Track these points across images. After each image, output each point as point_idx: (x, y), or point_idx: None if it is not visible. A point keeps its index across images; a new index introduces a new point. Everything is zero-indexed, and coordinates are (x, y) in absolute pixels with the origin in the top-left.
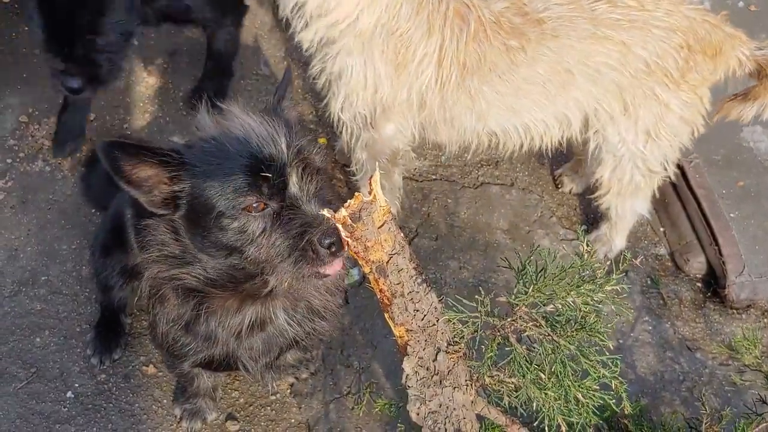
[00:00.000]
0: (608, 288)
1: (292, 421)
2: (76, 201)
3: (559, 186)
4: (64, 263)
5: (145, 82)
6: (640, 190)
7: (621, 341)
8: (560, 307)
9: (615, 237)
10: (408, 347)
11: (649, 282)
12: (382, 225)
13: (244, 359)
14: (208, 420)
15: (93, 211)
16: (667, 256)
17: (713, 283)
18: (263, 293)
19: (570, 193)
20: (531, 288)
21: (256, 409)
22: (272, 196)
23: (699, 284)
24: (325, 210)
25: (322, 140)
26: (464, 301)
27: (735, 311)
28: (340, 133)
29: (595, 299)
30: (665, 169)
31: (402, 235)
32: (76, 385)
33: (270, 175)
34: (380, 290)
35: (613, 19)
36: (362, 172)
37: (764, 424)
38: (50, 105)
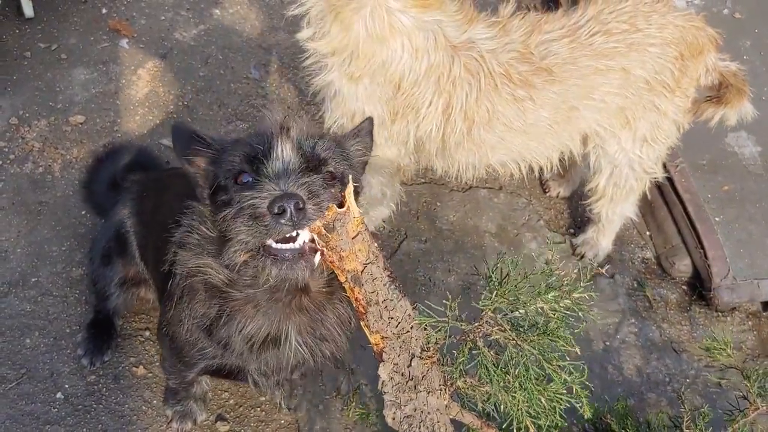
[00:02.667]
0: (576, 295)
1: (282, 422)
2: (66, 203)
3: (547, 190)
4: (54, 265)
5: (135, 85)
6: (632, 193)
7: (607, 343)
8: (529, 312)
9: (602, 240)
10: (384, 354)
11: (635, 285)
12: (356, 235)
13: (256, 375)
14: (198, 421)
15: (83, 213)
16: (653, 259)
17: (698, 286)
18: (272, 303)
19: (557, 197)
20: (494, 293)
21: (246, 410)
22: (257, 167)
23: (684, 287)
24: (284, 232)
25: None
26: (435, 307)
27: (720, 314)
28: None
29: (561, 306)
30: (657, 169)
31: (376, 244)
32: (66, 386)
33: (260, 148)
34: (356, 299)
35: (611, 48)
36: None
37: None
38: (40, 107)
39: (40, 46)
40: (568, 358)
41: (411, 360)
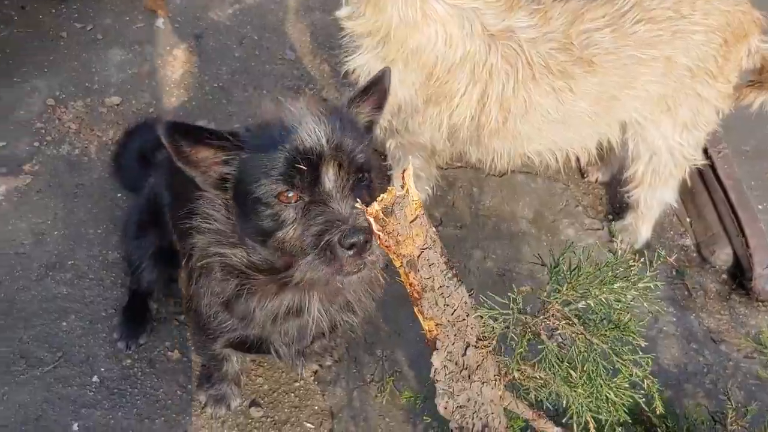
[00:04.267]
0: (641, 285)
1: (316, 408)
2: (102, 185)
3: (585, 175)
4: (91, 247)
5: (171, 65)
6: (672, 179)
7: (645, 333)
8: (593, 304)
9: (641, 227)
10: (437, 341)
11: (674, 273)
12: (414, 219)
13: (277, 344)
14: (232, 406)
15: (119, 195)
16: (692, 247)
17: (739, 275)
18: (299, 283)
19: (596, 182)
20: (565, 286)
21: (280, 396)
22: (304, 188)
23: (725, 276)
24: (358, 203)
25: None
26: (495, 297)
27: (761, 303)
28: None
29: (628, 297)
30: (697, 155)
31: (434, 229)
32: (102, 369)
33: (304, 168)
34: (410, 284)
35: (655, 36)
36: (397, 166)
37: None
38: (76, 88)
39: (76, 26)
40: (639, 352)
41: (466, 349)
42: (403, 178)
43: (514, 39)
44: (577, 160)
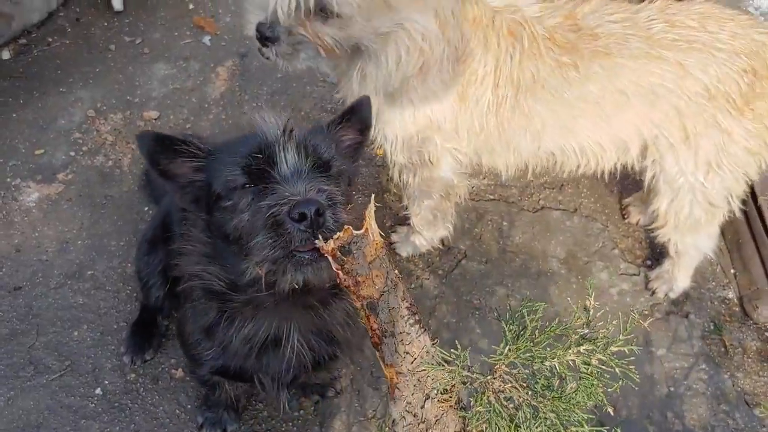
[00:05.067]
0: (614, 349)
1: None
2: (131, 198)
3: (626, 216)
4: (111, 259)
5: (213, 83)
6: (701, 226)
7: (672, 389)
8: (551, 367)
9: (678, 275)
10: (396, 390)
11: (711, 327)
12: (373, 260)
13: (260, 375)
14: (228, 430)
15: (146, 209)
16: (735, 301)
17: None
18: (274, 303)
19: (637, 224)
20: (507, 348)
21: (278, 424)
22: (260, 177)
23: (767, 334)
24: (319, 240)
25: (379, 152)
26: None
27: None
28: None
29: (595, 361)
30: (728, 204)
31: (396, 272)
32: (106, 382)
33: (259, 155)
34: (371, 328)
35: (670, 39)
36: (413, 205)
37: None
38: (117, 101)
39: (125, 40)
40: (601, 422)
41: (425, 401)
42: (364, 215)
43: (518, 14)
44: (620, 200)
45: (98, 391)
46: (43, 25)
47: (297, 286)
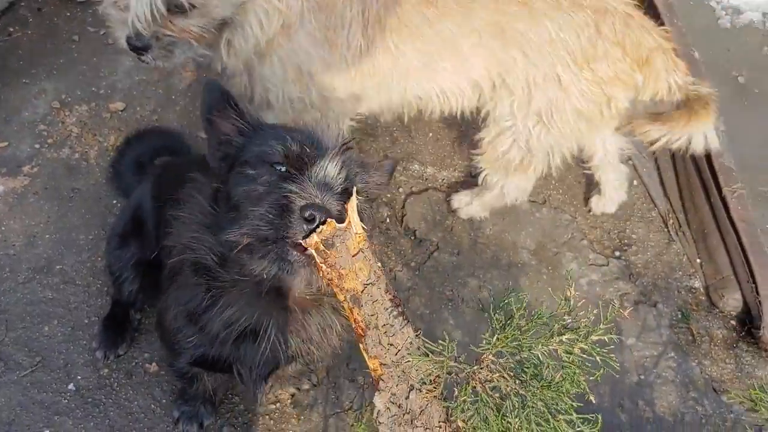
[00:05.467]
0: (594, 338)
1: None
2: (98, 191)
3: (590, 210)
4: (80, 253)
5: (179, 74)
6: (512, 169)
7: (642, 377)
8: (537, 356)
9: (474, 202)
10: (381, 382)
11: (679, 315)
12: (357, 253)
13: (238, 365)
14: (205, 424)
15: (114, 202)
16: (701, 290)
17: (748, 323)
18: (257, 294)
19: (601, 215)
20: (495, 337)
21: (255, 417)
22: (296, 164)
23: (733, 322)
24: (300, 239)
25: None
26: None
27: None
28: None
29: (577, 350)
30: (547, 159)
31: (379, 264)
32: (79, 377)
33: (305, 147)
34: (354, 320)
35: None
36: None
37: None
38: (83, 92)
39: (89, 30)
40: (576, 411)
41: (409, 392)
42: (346, 210)
43: None
44: (587, 191)
45: (71, 386)
46: (4, 15)
47: (266, 277)
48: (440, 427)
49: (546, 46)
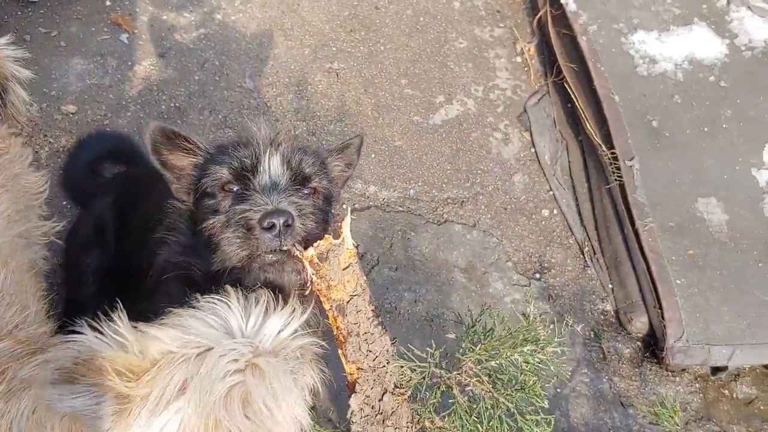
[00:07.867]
0: (549, 350)
1: None
2: (49, 193)
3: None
4: None
5: (130, 81)
6: None
7: (558, 390)
8: (504, 364)
9: None
10: (357, 385)
11: (592, 335)
12: (347, 267)
13: None
14: None
15: (65, 203)
16: (612, 313)
17: (653, 344)
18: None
19: (523, 238)
20: (479, 346)
21: None
22: (245, 180)
23: (639, 343)
24: (296, 250)
25: None
26: (414, 349)
27: (670, 373)
28: None
29: (536, 359)
30: None
31: (365, 278)
32: None
33: (247, 159)
34: (337, 327)
35: None
36: None
37: None
38: (34, 93)
39: (40, 31)
40: (541, 413)
41: (383, 395)
42: (341, 227)
43: None
44: (513, 217)
45: None
46: None
47: (259, 285)
48: (408, 427)
49: None
